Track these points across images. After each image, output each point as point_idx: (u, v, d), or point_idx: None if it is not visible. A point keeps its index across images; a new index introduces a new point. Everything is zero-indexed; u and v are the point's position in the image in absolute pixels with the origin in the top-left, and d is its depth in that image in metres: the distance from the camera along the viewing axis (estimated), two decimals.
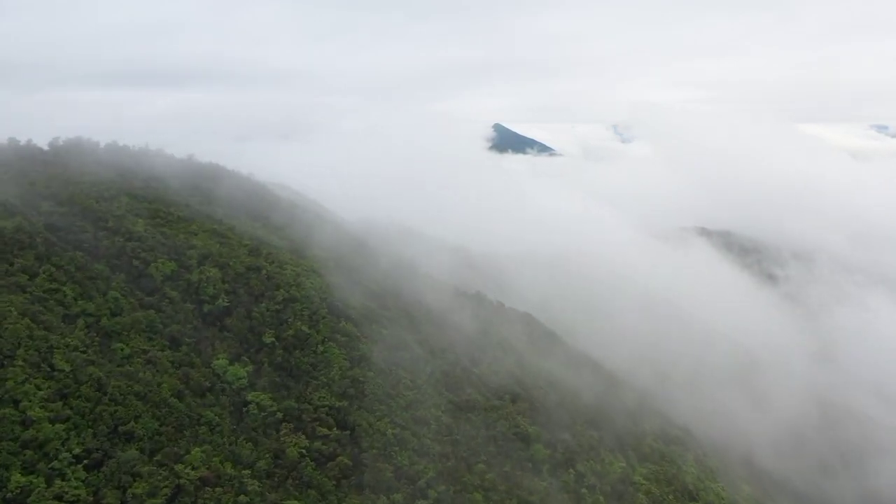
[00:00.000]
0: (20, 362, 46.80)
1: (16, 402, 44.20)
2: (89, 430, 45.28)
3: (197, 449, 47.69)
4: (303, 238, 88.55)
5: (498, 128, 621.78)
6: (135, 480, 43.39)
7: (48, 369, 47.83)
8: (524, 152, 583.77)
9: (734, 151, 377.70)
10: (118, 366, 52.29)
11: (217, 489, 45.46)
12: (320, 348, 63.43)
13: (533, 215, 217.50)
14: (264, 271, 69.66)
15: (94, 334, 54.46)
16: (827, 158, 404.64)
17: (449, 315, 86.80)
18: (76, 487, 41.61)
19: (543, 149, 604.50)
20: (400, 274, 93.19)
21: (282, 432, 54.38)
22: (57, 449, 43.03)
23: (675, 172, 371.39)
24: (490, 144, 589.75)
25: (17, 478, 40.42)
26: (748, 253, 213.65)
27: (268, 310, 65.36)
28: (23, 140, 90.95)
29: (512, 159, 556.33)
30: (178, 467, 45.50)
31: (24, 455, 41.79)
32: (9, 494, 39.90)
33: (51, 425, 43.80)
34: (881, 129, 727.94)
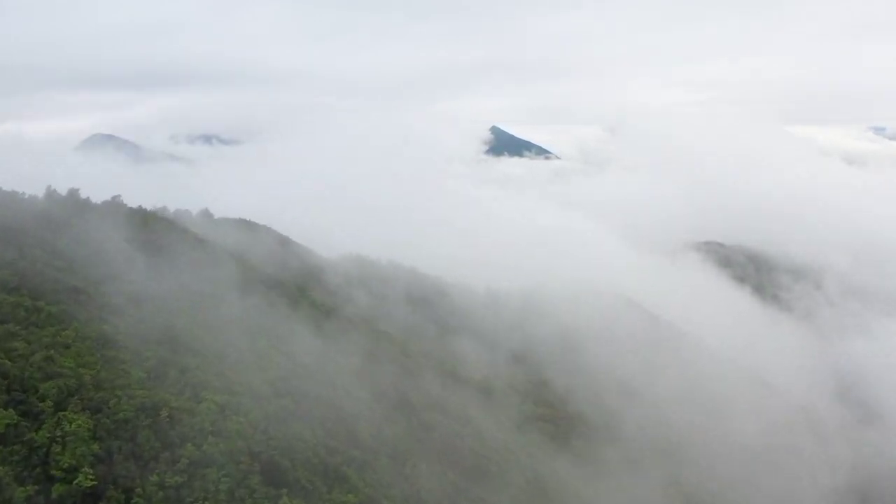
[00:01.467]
0: None
1: None
2: None
3: None
4: (247, 325, 63.81)
5: (495, 130, 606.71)
6: None
7: None
8: (521, 155, 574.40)
9: (730, 157, 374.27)
10: None
11: None
12: None
13: (524, 235, 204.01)
14: (165, 412, 45.24)
15: None
16: (824, 165, 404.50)
17: (449, 431, 62.80)
18: None
19: (541, 151, 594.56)
20: (383, 366, 68.99)
21: None
22: None
23: (671, 179, 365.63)
24: (487, 148, 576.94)
25: None
26: (749, 269, 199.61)
27: (162, 487, 40.98)
28: None
29: (508, 163, 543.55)
30: None
31: None
32: None
33: None
34: (879, 130, 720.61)
